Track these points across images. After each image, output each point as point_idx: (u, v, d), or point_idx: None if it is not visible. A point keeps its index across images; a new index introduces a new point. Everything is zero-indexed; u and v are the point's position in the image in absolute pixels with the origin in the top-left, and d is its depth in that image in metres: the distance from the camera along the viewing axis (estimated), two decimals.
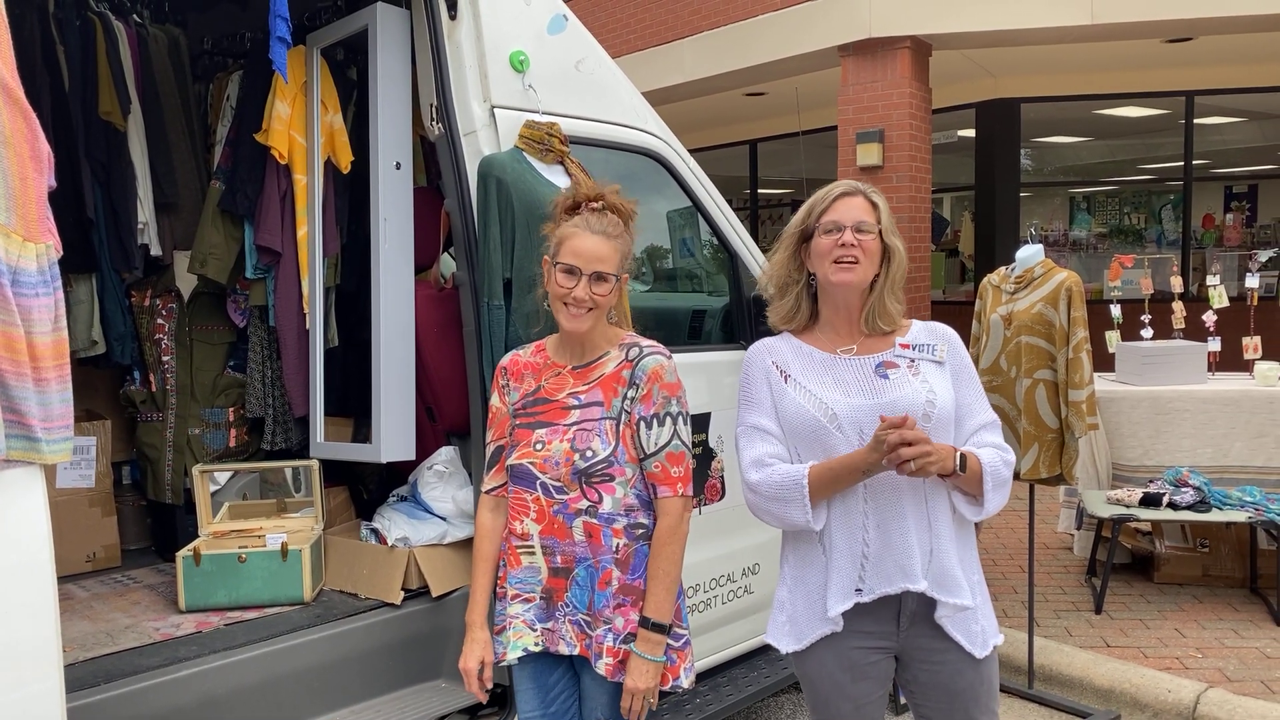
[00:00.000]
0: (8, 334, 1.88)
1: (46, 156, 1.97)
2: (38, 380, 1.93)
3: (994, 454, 2.07)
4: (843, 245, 2.08)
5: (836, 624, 2.09)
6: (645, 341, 2.30)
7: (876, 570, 2.07)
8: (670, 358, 2.28)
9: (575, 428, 2.22)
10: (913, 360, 2.13)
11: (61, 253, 2.00)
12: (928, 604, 2.09)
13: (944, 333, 2.20)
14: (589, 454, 2.19)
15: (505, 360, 2.40)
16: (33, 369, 1.92)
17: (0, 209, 1.88)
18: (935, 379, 2.12)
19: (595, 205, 2.28)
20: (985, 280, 4.26)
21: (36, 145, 1.95)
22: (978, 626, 2.12)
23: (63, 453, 1.98)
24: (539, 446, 2.23)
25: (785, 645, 2.19)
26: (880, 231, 2.12)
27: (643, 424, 2.22)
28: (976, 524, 2.18)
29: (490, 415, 2.39)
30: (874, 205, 2.14)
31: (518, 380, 2.34)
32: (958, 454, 2.00)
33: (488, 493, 2.38)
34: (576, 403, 2.25)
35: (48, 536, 1.96)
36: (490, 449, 2.38)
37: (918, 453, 1.90)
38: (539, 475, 2.23)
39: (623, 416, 2.23)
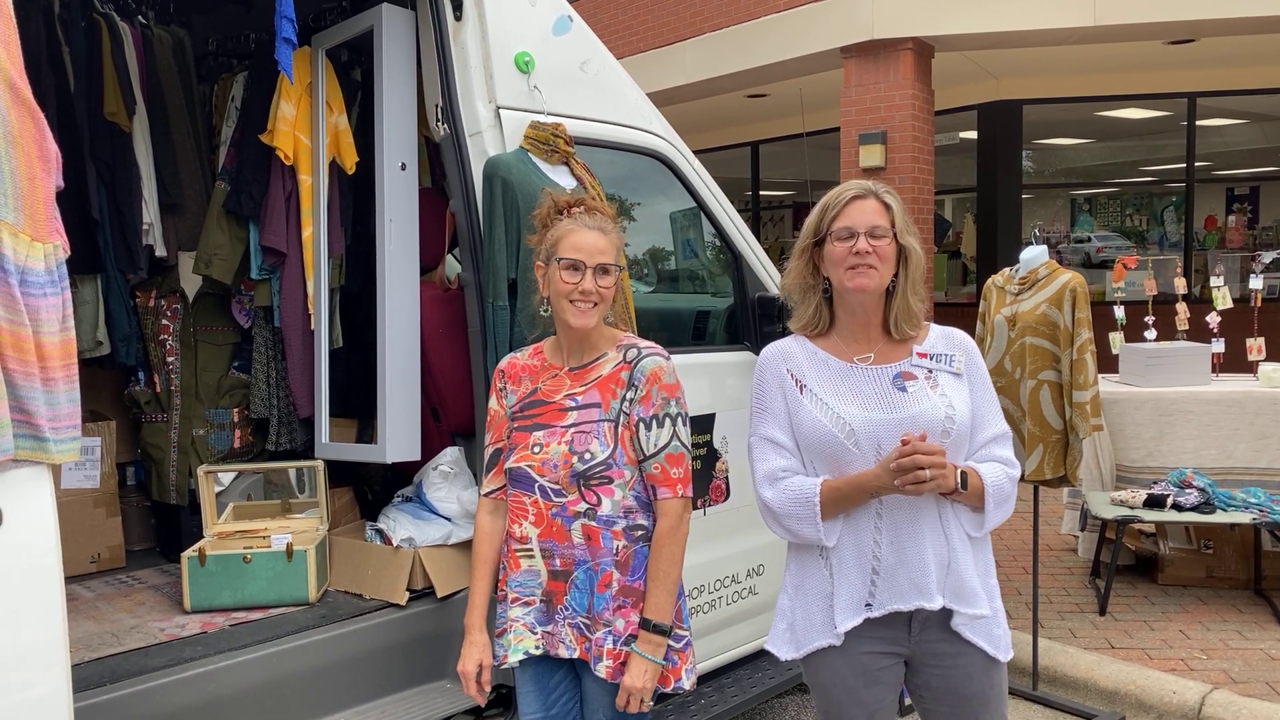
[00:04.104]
0: (15, 334, 1.88)
1: (54, 156, 1.97)
2: (45, 380, 1.93)
3: (998, 470, 2.05)
4: (857, 253, 2.03)
5: (837, 639, 2.07)
6: (643, 343, 2.30)
7: (888, 585, 2.04)
8: (669, 359, 2.28)
9: (573, 430, 2.22)
10: (930, 371, 2.09)
11: (69, 253, 2.00)
12: (943, 611, 2.07)
13: (962, 341, 2.16)
14: (587, 456, 2.19)
15: (503, 363, 2.40)
16: (40, 369, 1.92)
17: (9, 209, 1.88)
18: (953, 392, 2.08)
19: (579, 210, 2.28)
20: (989, 281, 4.26)
21: (44, 145, 1.95)
22: (999, 630, 2.11)
23: (70, 453, 1.98)
24: (537, 449, 2.23)
25: (784, 653, 2.17)
26: (895, 234, 2.07)
27: (641, 425, 2.21)
28: None
29: (488, 418, 2.39)
30: (887, 207, 2.08)
31: (515, 383, 2.34)
32: (958, 472, 1.98)
33: (486, 495, 2.38)
34: (574, 404, 2.25)
35: (55, 536, 1.96)
36: (488, 452, 2.38)
37: (935, 472, 1.90)
38: (537, 478, 2.22)
39: (621, 418, 2.22)
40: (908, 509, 2.03)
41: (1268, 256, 6.49)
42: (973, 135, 11.11)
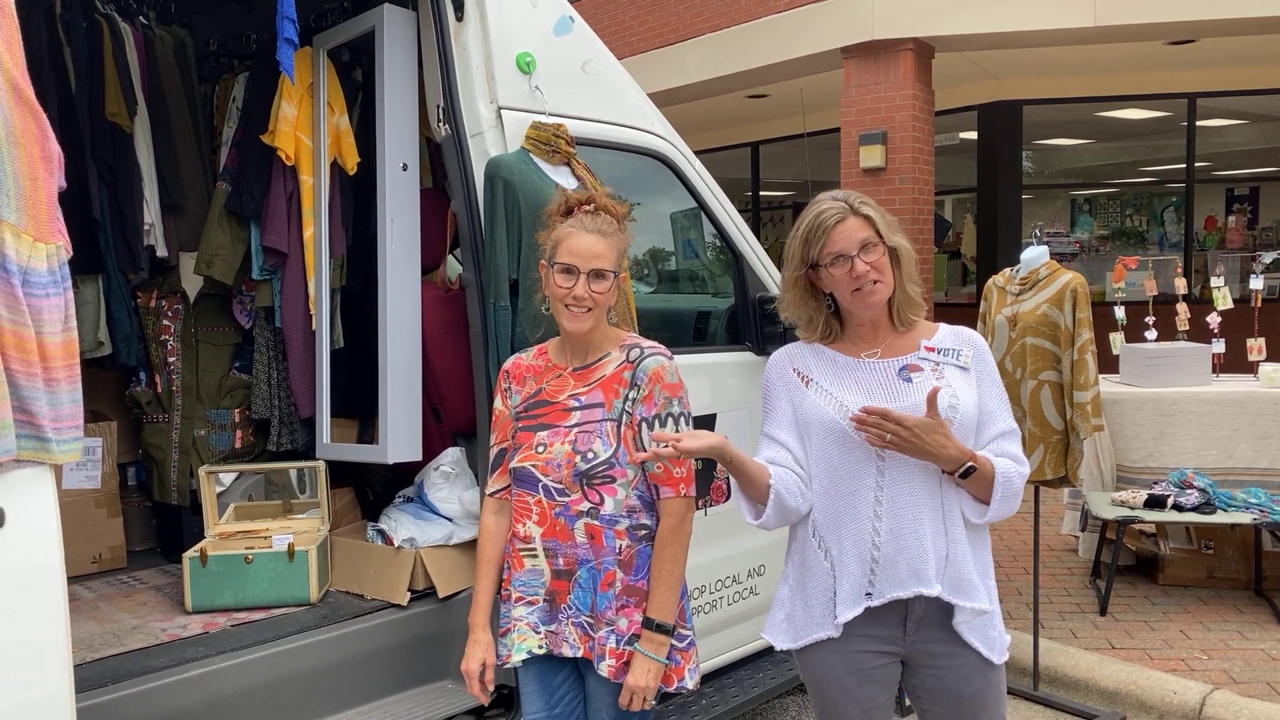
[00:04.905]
0: (18, 334, 1.88)
1: (57, 157, 1.98)
2: (48, 380, 1.93)
3: (1009, 464, 2.06)
4: (857, 276, 2.05)
5: (836, 630, 2.10)
6: (646, 342, 2.31)
7: (887, 573, 2.05)
8: (671, 358, 2.28)
9: (576, 429, 2.23)
10: (937, 364, 2.12)
11: (71, 253, 2.01)
12: (937, 608, 2.08)
13: (970, 338, 2.18)
14: (590, 455, 2.20)
15: (507, 363, 2.41)
16: (43, 369, 1.92)
17: (11, 209, 1.88)
18: (959, 383, 2.10)
19: (588, 208, 2.28)
20: (990, 282, 4.26)
21: (47, 146, 1.95)
22: (995, 631, 2.12)
23: (72, 453, 1.98)
24: (541, 449, 2.24)
25: (781, 642, 2.20)
26: (883, 240, 2.09)
27: (644, 425, 2.22)
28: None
29: (493, 418, 2.40)
30: (867, 219, 2.09)
31: (519, 383, 2.35)
32: (969, 458, 2.00)
33: (491, 495, 2.39)
34: (577, 404, 2.25)
35: (58, 536, 1.96)
36: (493, 451, 2.39)
37: (894, 430, 1.97)
38: (541, 478, 2.23)
39: (624, 418, 2.23)
40: (909, 499, 2.05)
41: (1268, 257, 6.50)
42: (973, 136, 11.12)
